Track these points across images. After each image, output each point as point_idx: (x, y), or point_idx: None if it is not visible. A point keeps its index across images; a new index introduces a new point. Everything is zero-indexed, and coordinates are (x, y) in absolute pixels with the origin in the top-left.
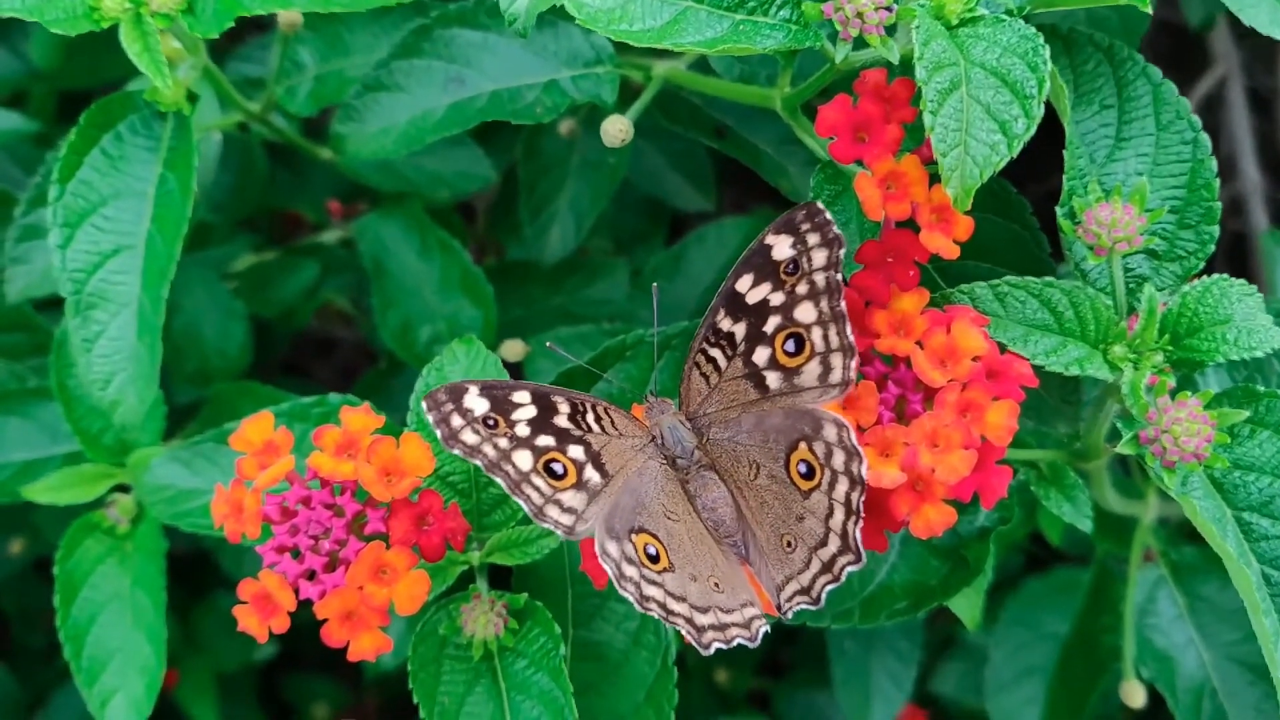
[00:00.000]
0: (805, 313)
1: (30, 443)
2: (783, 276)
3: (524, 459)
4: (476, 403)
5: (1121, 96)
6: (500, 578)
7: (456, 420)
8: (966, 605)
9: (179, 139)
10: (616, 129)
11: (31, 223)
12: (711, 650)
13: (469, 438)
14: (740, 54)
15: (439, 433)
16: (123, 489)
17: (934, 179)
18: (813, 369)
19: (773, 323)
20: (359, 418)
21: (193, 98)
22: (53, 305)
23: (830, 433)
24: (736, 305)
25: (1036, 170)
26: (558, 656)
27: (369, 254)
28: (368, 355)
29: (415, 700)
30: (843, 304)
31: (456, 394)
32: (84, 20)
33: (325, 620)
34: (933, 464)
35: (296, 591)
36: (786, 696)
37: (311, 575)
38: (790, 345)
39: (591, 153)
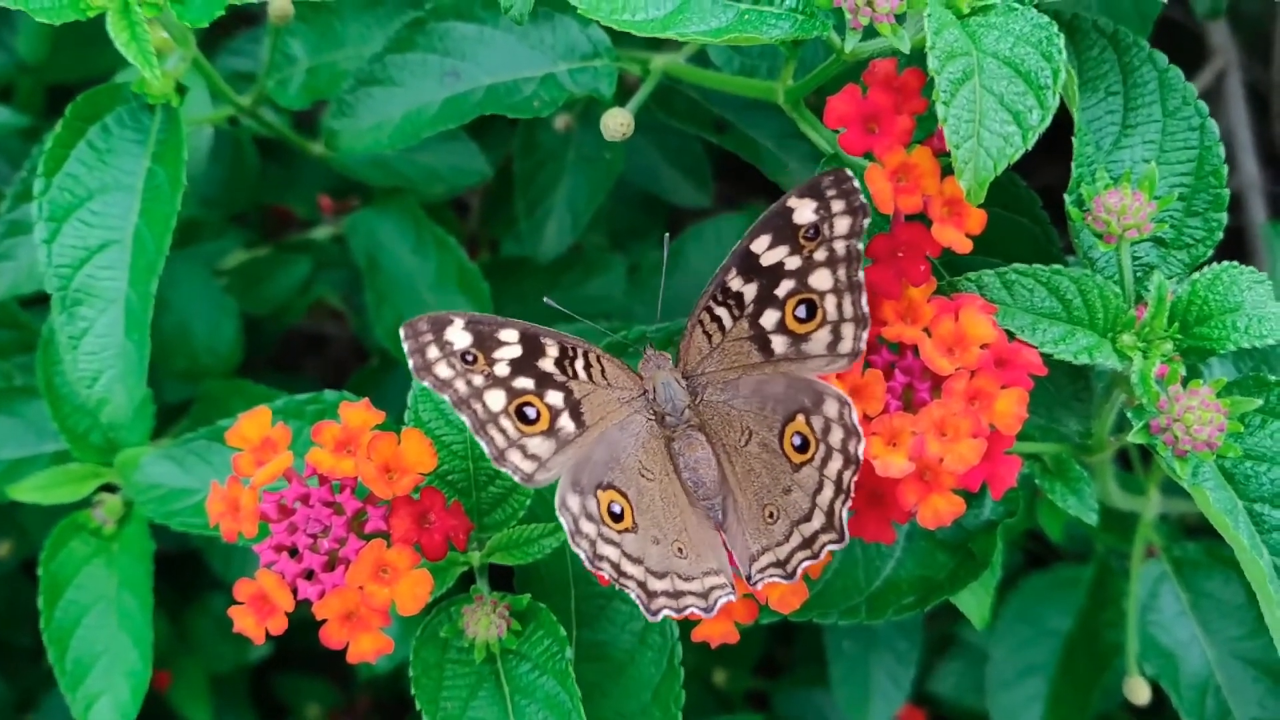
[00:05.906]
0: (821, 279)
1: (16, 441)
2: (801, 241)
3: (496, 399)
4: (459, 336)
5: (1127, 83)
6: (502, 578)
7: (433, 351)
8: (975, 603)
9: (168, 131)
10: (617, 123)
11: (17, 218)
12: (659, 617)
13: (442, 371)
14: (746, 44)
15: (411, 363)
16: (110, 489)
17: (946, 171)
18: (822, 337)
19: (785, 286)
20: (359, 413)
21: (181, 90)
22: (40, 302)
23: (831, 408)
24: (749, 265)
25: (1028, 166)
26: (563, 659)
27: (362, 250)
28: (358, 353)
29: (418, 707)
30: (861, 274)
31: (438, 325)
32: (70, 9)
33: (322, 621)
34: (941, 453)
35: (295, 591)
36: (785, 696)
37: (310, 575)
38: (801, 311)
39: (588, 147)
